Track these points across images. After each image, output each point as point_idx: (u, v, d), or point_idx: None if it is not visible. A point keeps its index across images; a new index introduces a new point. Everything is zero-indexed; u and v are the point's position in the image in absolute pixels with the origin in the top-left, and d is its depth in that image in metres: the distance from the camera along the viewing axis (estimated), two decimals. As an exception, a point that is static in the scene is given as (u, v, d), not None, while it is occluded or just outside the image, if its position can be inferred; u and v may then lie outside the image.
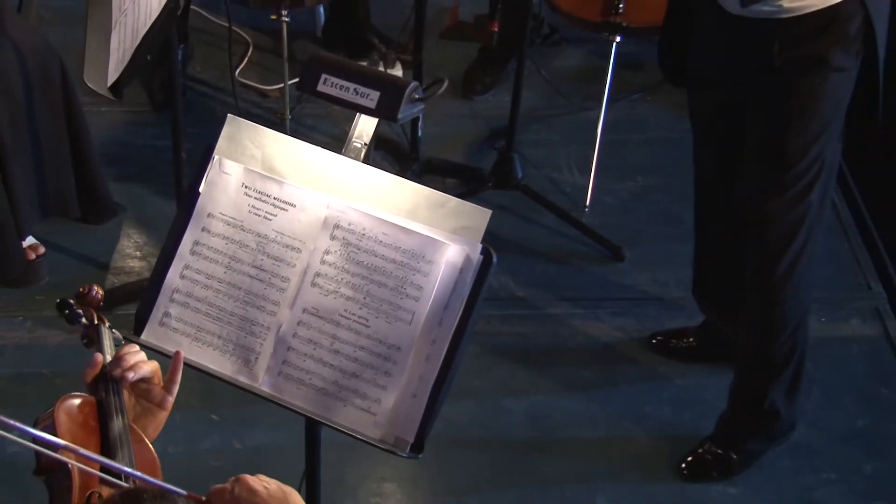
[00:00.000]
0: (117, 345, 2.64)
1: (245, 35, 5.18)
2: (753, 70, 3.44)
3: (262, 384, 2.64)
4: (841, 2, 3.24)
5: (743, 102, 3.48)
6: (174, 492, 2.02)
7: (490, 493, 3.74)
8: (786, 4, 3.24)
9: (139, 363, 2.53)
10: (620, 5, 4.45)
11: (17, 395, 3.84)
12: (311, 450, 2.93)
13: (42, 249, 4.30)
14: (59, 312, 2.69)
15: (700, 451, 3.82)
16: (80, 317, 2.66)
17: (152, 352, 2.66)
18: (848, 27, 3.29)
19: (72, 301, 2.66)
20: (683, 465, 3.82)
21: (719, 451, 3.80)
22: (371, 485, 3.71)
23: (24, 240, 4.15)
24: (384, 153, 4.68)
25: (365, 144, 3.15)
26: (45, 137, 4.14)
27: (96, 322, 2.68)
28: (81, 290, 2.70)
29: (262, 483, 2.36)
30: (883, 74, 3.39)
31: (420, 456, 2.54)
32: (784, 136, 3.41)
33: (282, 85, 4.82)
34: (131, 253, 4.37)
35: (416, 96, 3.16)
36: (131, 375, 2.54)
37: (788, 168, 3.43)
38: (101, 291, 2.72)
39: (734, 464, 3.79)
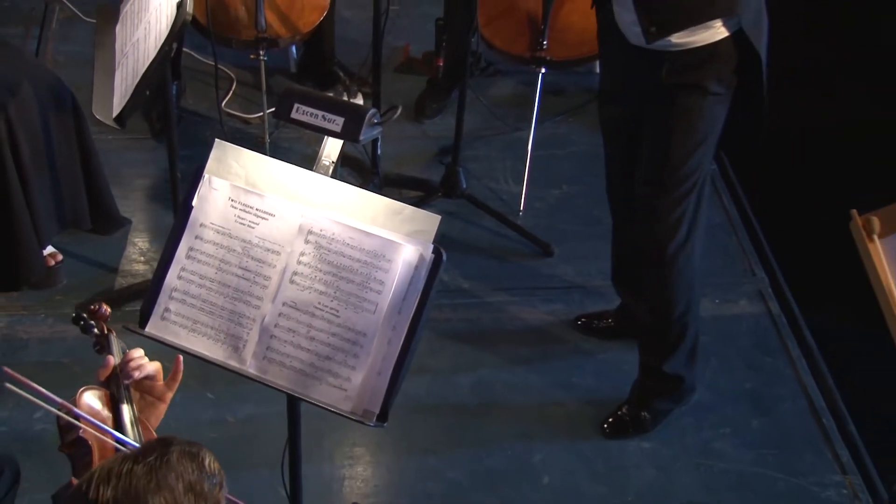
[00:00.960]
0: (123, 351, 2.66)
1: (229, 72, 5.15)
2: (647, 90, 3.47)
3: (250, 367, 2.63)
4: (718, 41, 3.29)
5: (639, 117, 3.52)
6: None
7: (445, 453, 3.75)
8: (674, 40, 3.28)
9: (144, 364, 2.59)
10: (544, 42, 4.44)
11: (40, 381, 3.77)
12: (293, 421, 2.92)
13: (60, 257, 4.26)
14: (75, 323, 2.71)
15: (619, 412, 3.86)
16: (93, 328, 2.70)
17: (155, 343, 2.66)
18: (723, 62, 3.34)
19: (85, 315, 2.68)
20: (605, 425, 3.85)
21: (634, 412, 3.85)
22: (344, 449, 3.72)
23: (44, 249, 4.12)
24: (349, 169, 4.65)
25: (332, 162, 3.16)
26: (61, 161, 4.12)
27: (106, 332, 2.71)
28: (92, 307, 2.71)
29: None
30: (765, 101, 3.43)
31: (385, 424, 2.55)
32: (669, 146, 3.46)
33: (261, 113, 4.81)
34: (136, 258, 4.35)
35: (375, 121, 3.17)
36: (137, 374, 2.59)
37: (672, 172, 3.48)
38: (108, 308, 2.74)
39: (647, 422, 3.84)
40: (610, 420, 3.87)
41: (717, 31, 3.29)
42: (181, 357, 2.64)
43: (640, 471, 3.74)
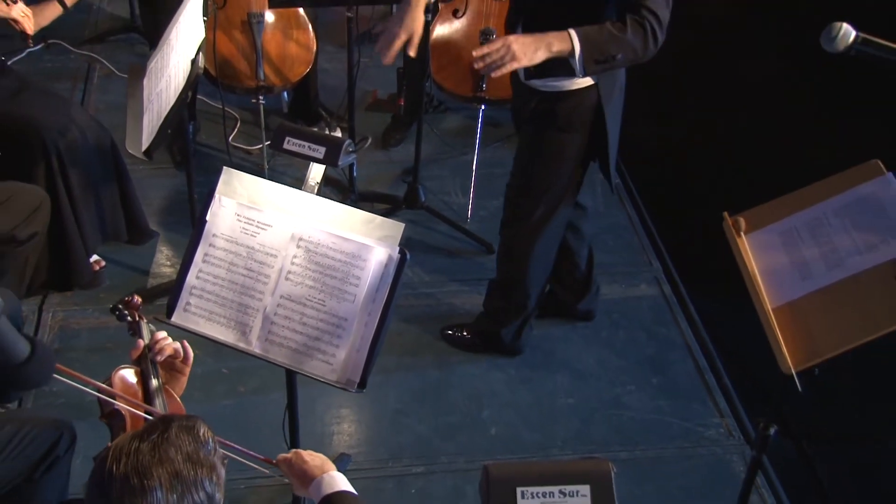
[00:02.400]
0: (152, 334, 2.67)
1: (234, 113, 5.12)
2: (525, 117, 3.49)
3: (255, 348, 2.65)
4: (573, 90, 3.29)
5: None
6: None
7: (413, 413, 3.75)
8: (541, 83, 3.31)
9: (168, 345, 2.61)
10: (483, 85, 4.45)
11: (89, 362, 3.78)
12: (291, 390, 2.95)
13: (103, 263, 4.23)
14: (112, 313, 2.73)
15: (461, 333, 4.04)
16: (127, 316, 2.71)
17: (179, 330, 2.67)
18: (575, 106, 3.33)
19: (120, 306, 2.70)
20: (448, 331, 4.05)
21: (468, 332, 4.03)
22: (332, 411, 3.72)
23: (90, 257, 4.12)
24: (331, 188, 4.65)
25: (317, 183, 3.18)
26: (102, 187, 4.11)
27: (137, 319, 2.71)
28: (126, 299, 2.73)
29: (309, 454, 2.37)
30: (616, 145, 3.45)
31: (364, 390, 2.58)
32: (528, 162, 3.53)
33: (261, 145, 4.80)
34: (163, 263, 4.33)
35: (350, 149, 3.20)
36: (162, 355, 2.61)
37: (527, 182, 3.55)
38: (139, 299, 2.75)
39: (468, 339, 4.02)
40: (450, 330, 4.05)
41: (574, 83, 3.28)
42: (186, 342, 2.67)
43: (567, 422, 3.75)
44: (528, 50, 2.99)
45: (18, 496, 2.75)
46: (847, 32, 2.13)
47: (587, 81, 3.26)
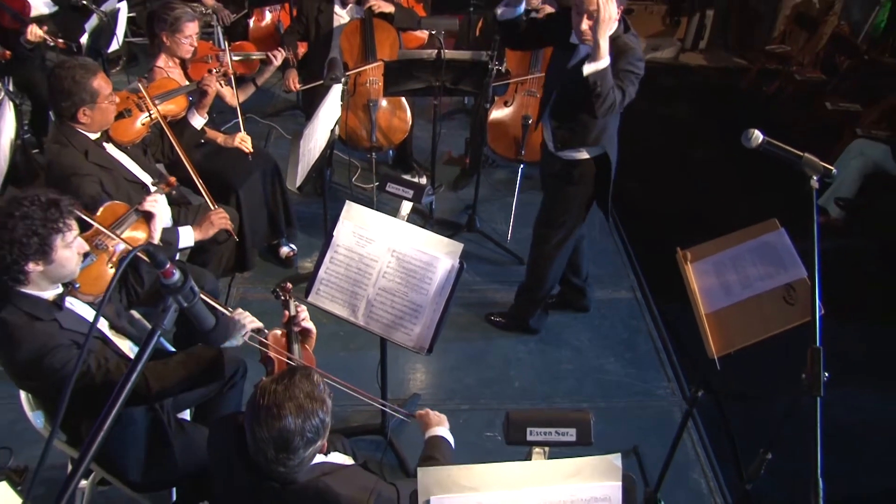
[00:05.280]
0: (295, 308, 2.63)
1: (356, 162, 5.14)
2: (549, 173, 3.47)
3: (360, 321, 2.68)
4: (587, 159, 3.30)
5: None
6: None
7: (462, 369, 3.74)
8: (563, 155, 3.32)
9: (305, 317, 2.55)
10: (522, 152, 4.48)
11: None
12: (383, 350, 2.97)
13: (292, 253, 4.26)
14: (272, 293, 2.69)
15: (498, 319, 3.99)
16: (281, 295, 2.63)
17: (313, 307, 2.69)
18: (589, 168, 3.33)
19: (277, 289, 2.64)
20: (493, 317, 3.99)
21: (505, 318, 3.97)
22: (409, 365, 3.73)
23: (257, 252, 4.12)
24: (418, 215, 4.68)
25: (407, 213, 3.22)
26: (267, 208, 4.14)
27: (287, 298, 2.62)
28: (282, 284, 2.65)
29: (436, 413, 2.38)
30: (610, 194, 3.42)
31: (430, 353, 2.60)
32: (551, 205, 3.49)
33: (372, 185, 4.83)
34: (306, 259, 4.38)
35: (429, 192, 3.22)
36: (298, 323, 2.55)
37: (550, 218, 3.52)
38: (290, 285, 2.63)
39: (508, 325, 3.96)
40: (493, 316, 3.98)
41: (585, 154, 3.29)
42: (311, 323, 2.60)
43: (566, 380, 3.73)
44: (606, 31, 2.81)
45: (213, 404, 2.82)
46: (758, 136, 2.15)
47: (596, 152, 3.27)
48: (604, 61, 2.83)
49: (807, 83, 6.65)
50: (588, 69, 2.83)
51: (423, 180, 4.99)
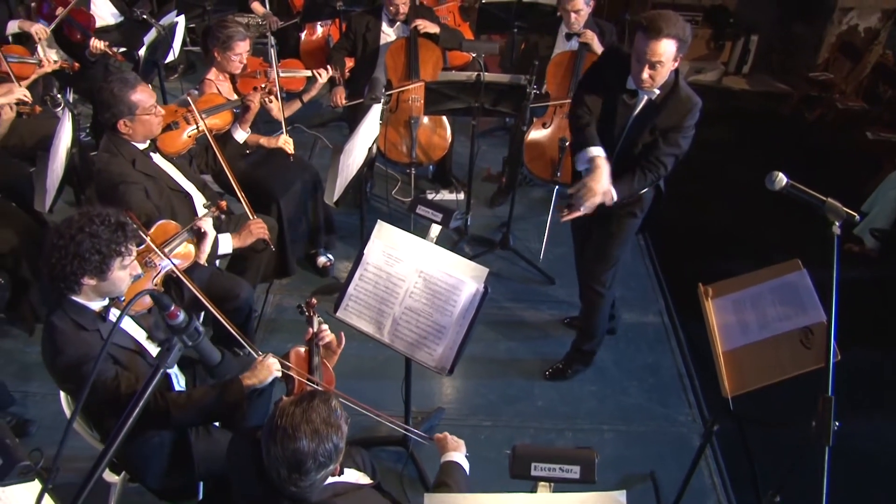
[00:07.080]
0: (319, 324, 2.66)
1: (396, 175, 5.19)
2: (603, 211, 3.38)
3: (386, 338, 2.67)
4: (645, 193, 3.22)
5: (589, 225, 3.41)
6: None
7: (486, 385, 3.71)
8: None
9: (327, 335, 2.59)
10: (558, 172, 4.43)
11: (290, 327, 3.89)
12: (407, 366, 2.96)
13: (329, 263, 4.29)
14: (297, 308, 2.72)
15: (557, 366, 3.80)
16: (305, 312, 2.67)
17: (341, 323, 2.68)
18: (645, 201, 3.27)
19: (302, 305, 2.67)
20: (547, 372, 3.79)
21: (564, 366, 3.80)
22: (435, 380, 3.69)
23: (295, 261, 4.14)
24: (454, 232, 4.66)
25: (436, 235, 3.22)
26: (306, 218, 4.17)
27: (311, 315, 2.66)
28: (307, 301, 2.68)
29: (454, 438, 2.39)
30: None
31: (451, 374, 2.59)
32: (607, 242, 3.39)
33: (410, 199, 4.86)
34: (340, 268, 4.40)
35: (458, 216, 3.23)
36: (322, 341, 2.60)
37: (606, 253, 3.42)
38: (315, 301, 2.67)
39: (567, 373, 3.79)
40: (550, 370, 3.80)
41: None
42: (343, 333, 2.63)
43: (588, 401, 3.70)
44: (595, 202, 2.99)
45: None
46: (781, 178, 2.12)
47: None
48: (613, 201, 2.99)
49: (848, 111, 6.49)
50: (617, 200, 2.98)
51: (461, 196, 4.98)
